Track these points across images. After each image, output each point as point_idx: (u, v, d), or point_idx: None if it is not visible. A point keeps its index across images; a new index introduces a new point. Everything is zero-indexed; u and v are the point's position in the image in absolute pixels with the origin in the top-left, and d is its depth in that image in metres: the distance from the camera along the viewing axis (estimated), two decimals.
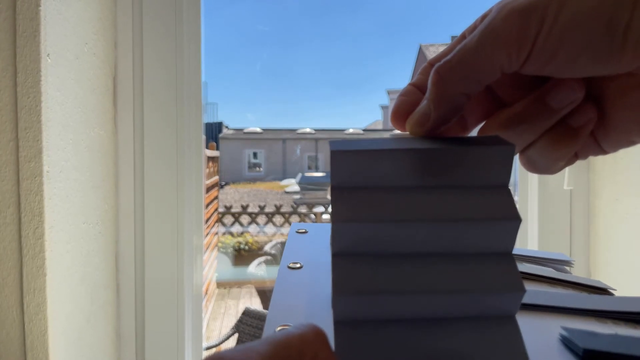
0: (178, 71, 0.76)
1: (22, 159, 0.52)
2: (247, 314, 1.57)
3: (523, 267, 0.30)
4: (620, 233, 0.75)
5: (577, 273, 0.83)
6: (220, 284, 3.87)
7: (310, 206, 5.70)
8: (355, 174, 0.18)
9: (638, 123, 0.18)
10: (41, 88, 0.52)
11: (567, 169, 0.81)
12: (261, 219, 4.96)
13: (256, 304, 3.27)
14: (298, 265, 0.25)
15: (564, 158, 0.20)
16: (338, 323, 0.17)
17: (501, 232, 0.17)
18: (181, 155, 0.77)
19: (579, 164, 0.81)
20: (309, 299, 0.21)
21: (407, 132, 0.21)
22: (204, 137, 0.86)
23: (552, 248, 0.82)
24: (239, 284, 3.88)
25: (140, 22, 0.75)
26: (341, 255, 0.17)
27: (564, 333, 0.20)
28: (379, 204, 0.17)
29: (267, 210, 5.10)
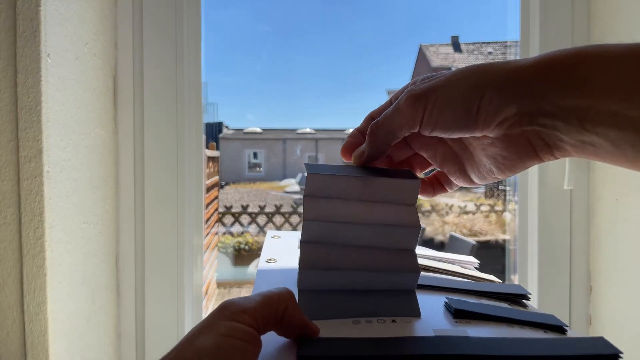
0: (178, 71, 0.76)
1: (23, 159, 0.52)
2: None
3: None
4: (620, 233, 0.75)
5: (577, 272, 0.83)
6: (220, 284, 3.86)
7: None
8: (320, 188, 0.27)
9: (494, 165, 0.28)
10: (41, 88, 0.52)
11: (567, 169, 0.80)
12: (261, 219, 4.96)
13: None
14: (273, 260, 0.35)
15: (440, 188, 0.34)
16: (300, 291, 0.27)
17: (407, 234, 0.27)
18: (181, 155, 0.77)
19: (579, 164, 0.81)
20: (280, 280, 0.31)
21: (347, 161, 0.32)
22: (204, 137, 0.86)
23: (552, 248, 0.82)
24: (239, 284, 3.88)
25: (140, 22, 0.75)
26: (306, 243, 0.27)
27: (446, 300, 0.29)
28: (333, 210, 0.27)
29: (267, 210, 5.10)
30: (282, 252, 0.36)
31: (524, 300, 0.32)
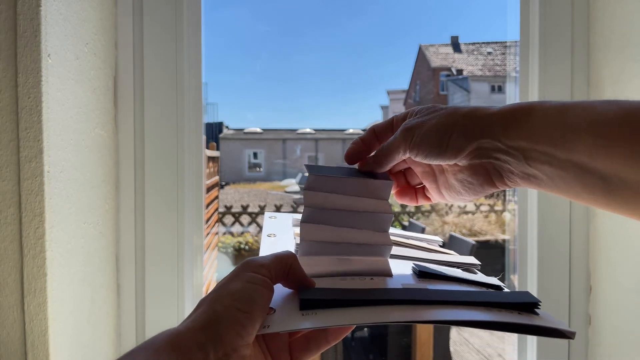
0: (178, 71, 0.76)
1: (23, 159, 0.52)
2: None
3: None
4: (620, 233, 0.75)
5: (576, 272, 0.83)
6: None
7: None
8: (317, 184, 0.36)
9: (461, 187, 0.36)
10: (42, 88, 0.52)
11: None
12: (261, 219, 4.96)
13: None
14: (273, 234, 0.43)
15: (415, 199, 0.42)
16: (300, 256, 0.34)
17: (382, 218, 0.36)
18: (181, 155, 0.77)
19: None
20: (280, 248, 0.37)
21: (350, 164, 0.40)
22: (204, 137, 0.86)
23: (551, 248, 0.82)
24: None
25: (140, 22, 0.75)
26: (305, 222, 0.35)
27: (413, 265, 0.37)
28: (325, 200, 0.36)
29: (267, 210, 5.09)
30: (279, 229, 0.45)
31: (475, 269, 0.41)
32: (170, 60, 0.76)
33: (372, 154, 0.38)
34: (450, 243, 2.84)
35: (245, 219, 4.91)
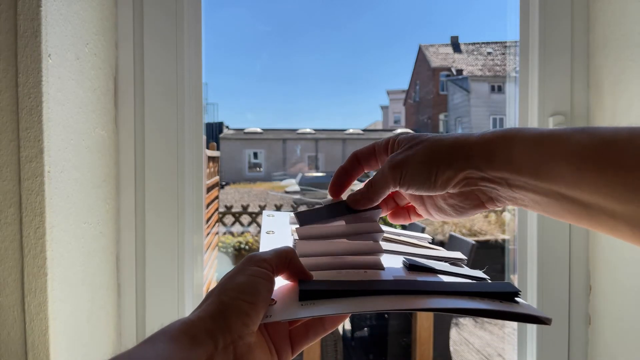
0: (179, 71, 0.76)
1: (23, 159, 0.52)
2: None
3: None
4: None
5: (576, 272, 0.83)
6: None
7: (311, 206, 5.70)
8: (309, 234, 0.38)
9: (452, 210, 0.37)
10: (42, 88, 0.53)
11: None
12: (261, 219, 4.95)
13: None
14: (272, 231, 0.45)
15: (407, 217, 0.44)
16: (296, 240, 0.38)
17: (374, 237, 0.38)
18: (182, 155, 0.77)
19: None
20: (279, 243, 0.39)
21: (331, 198, 0.42)
22: (204, 137, 0.86)
23: (551, 248, 0.82)
24: None
25: (141, 22, 0.75)
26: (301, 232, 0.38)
27: (404, 259, 0.40)
28: (320, 247, 0.38)
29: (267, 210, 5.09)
30: (277, 227, 0.47)
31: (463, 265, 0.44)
32: (171, 60, 0.76)
33: (362, 188, 0.40)
34: (450, 243, 2.84)
35: (245, 218, 4.91)
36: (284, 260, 0.33)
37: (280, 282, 0.34)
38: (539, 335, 0.83)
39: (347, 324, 2.56)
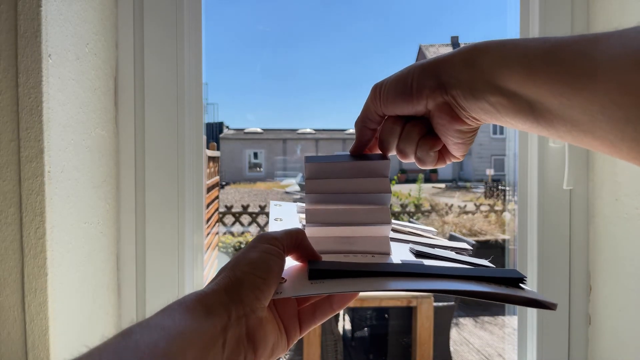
0: (179, 71, 0.76)
1: (24, 159, 0.52)
2: None
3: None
4: (620, 233, 0.75)
5: (576, 272, 0.83)
6: None
7: None
8: (317, 173, 0.39)
9: (443, 134, 0.37)
10: (42, 88, 0.53)
11: (566, 169, 0.81)
12: (262, 219, 4.96)
13: None
14: (280, 219, 0.46)
15: (431, 158, 0.39)
16: (306, 224, 0.39)
17: (381, 197, 0.39)
18: (182, 155, 0.77)
19: (579, 163, 0.81)
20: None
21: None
22: (204, 137, 0.86)
23: (551, 248, 0.82)
24: None
25: (141, 23, 0.75)
26: (309, 208, 0.39)
27: (410, 246, 0.41)
28: (327, 185, 0.39)
29: (267, 210, 5.09)
30: (285, 215, 0.49)
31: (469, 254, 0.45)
32: (171, 60, 0.76)
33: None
34: None
35: (245, 218, 4.91)
36: (294, 241, 0.34)
37: (290, 263, 0.35)
38: (539, 335, 0.83)
39: (347, 324, 2.56)
